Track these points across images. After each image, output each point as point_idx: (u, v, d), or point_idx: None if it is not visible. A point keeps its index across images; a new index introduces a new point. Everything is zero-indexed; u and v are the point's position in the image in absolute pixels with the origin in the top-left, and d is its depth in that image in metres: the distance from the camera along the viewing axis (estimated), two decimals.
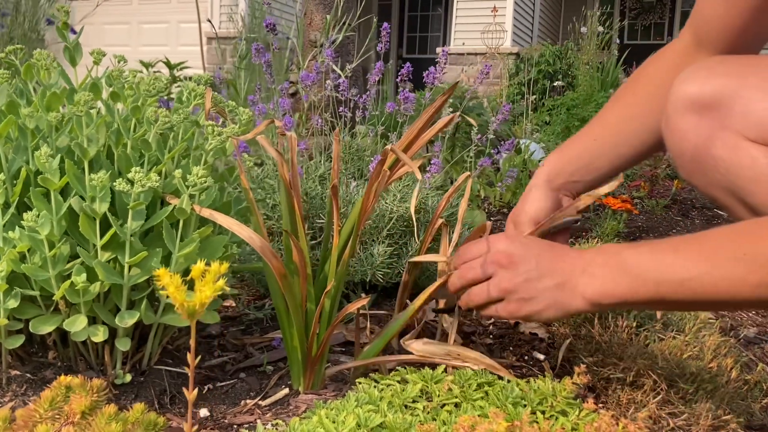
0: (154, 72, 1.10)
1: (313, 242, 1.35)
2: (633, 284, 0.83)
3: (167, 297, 0.61)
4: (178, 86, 1.01)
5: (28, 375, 0.97)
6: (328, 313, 0.96)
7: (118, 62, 1.01)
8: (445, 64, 1.49)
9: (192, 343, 0.55)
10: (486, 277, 0.92)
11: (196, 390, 0.59)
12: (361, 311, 1.26)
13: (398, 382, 0.91)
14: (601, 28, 6.81)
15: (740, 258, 0.76)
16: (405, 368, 0.98)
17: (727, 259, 0.78)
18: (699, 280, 0.78)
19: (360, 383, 0.97)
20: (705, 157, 0.87)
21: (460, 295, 0.98)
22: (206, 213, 0.86)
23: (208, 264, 0.56)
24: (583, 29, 6.87)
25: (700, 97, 0.81)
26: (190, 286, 0.60)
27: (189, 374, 0.71)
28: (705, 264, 0.79)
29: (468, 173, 1.09)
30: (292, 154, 0.91)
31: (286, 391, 1.00)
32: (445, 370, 0.94)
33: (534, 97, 5.60)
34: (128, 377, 0.96)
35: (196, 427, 0.85)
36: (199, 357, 1.10)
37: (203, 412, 0.93)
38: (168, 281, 0.51)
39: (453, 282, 0.97)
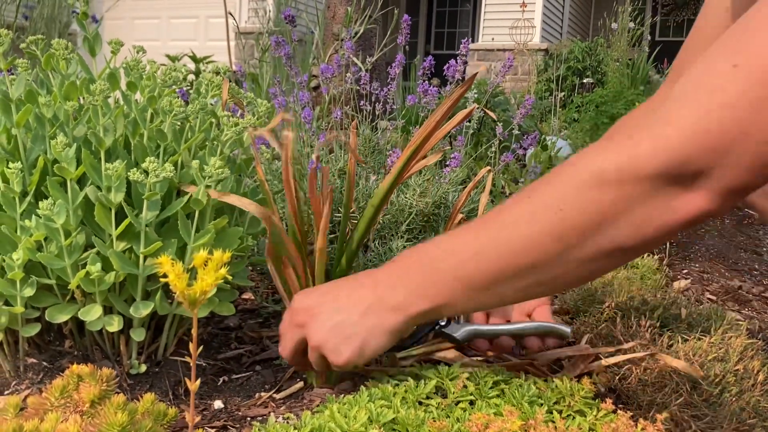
0: (180, 65, 1.10)
1: (332, 236, 1.34)
2: (433, 276, 0.78)
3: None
4: (200, 79, 1.00)
5: (45, 363, 0.97)
6: None
7: (137, 53, 1.01)
8: (466, 56, 1.47)
9: (194, 333, 0.54)
10: (301, 343, 0.85)
11: (199, 381, 0.59)
12: None
13: (413, 377, 0.90)
14: (632, 24, 6.71)
15: (524, 216, 0.72)
16: (421, 365, 0.97)
17: (512, 221, 0.73)
18: (489, 247, 0.74)
19: (374, 378, 0.96)
20: None
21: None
22: (215, 194, 0.85)
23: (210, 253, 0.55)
24: (614, 25, 6.77)
25: None
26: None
27: (204, 365, 0.71)
28: (493, 231, 0.75)
29: (488, 168, 1.07)
30: (286, 153, 0.89)
31: (301, 384, 0.99)
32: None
33: (562, 93, 5.54)
34: (143, 367, 0.96)
35: (207, 419, 0.85)
36: (211, 349, 1.10)
37: (217, 404, 0.93)
38: (169, 269, 0.51)
39: (286, 358, 0.89)
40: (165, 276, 0.51)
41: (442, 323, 0.96)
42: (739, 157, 0.60)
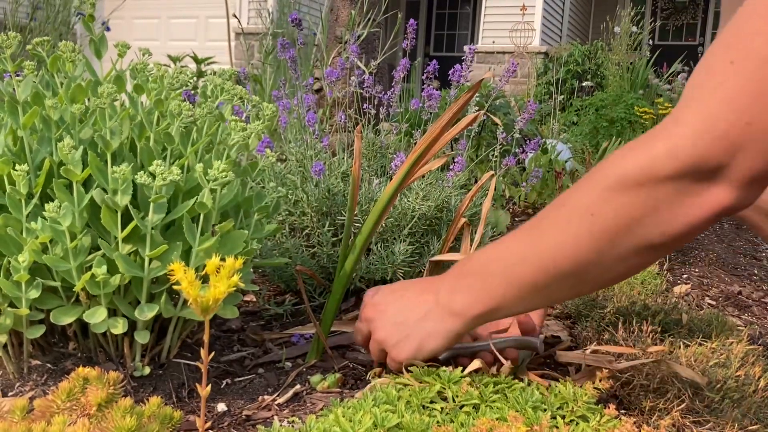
0: (181, 66, 1.11)
1: (335, 239, 1.34)
2: (486, 281, 0.84)
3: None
4: (205, 81, 1.01)
5: (49, 365, 0.97)
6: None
7: (143, 55, 1.01)
8: (472, 62, 1.47)
9: (206, 339, 0.54)
10: (368, 335, 0.95)
11: (209, 386, 0.59)
12: None
13: (418, 382, 0.90)
14: (634, 28, 6.72)
15: (560, 223, 0.78)
16: (422, 368, 0.97)
17: (550, 227, 0.79)
18: (532, 253, 0.80)
19: (376, 379, 0.96)
20: None
21: None
22: None
23: (224, 258, 0.55)
24: (617, 29, 6.79)
25: None
26: (208, 280, 0.60)
27: (206, 369, 0.71)
28: (535, 237, 0.81)
29: (491, 172, 1.08)
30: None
31: (304, 388, 1.00)
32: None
33: (562, 97, 5.54)
34: (147, 370, 0.96)
35: (209, 423, 0.85)
36: (214, 352, 1.10)
37: (221, 407, 0.93)
38: (182, 276, 0.51)
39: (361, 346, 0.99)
40: (177, 283, 0.51)
41: None
42: (750, 148, 0.64)
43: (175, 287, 0.52)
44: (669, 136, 0.68)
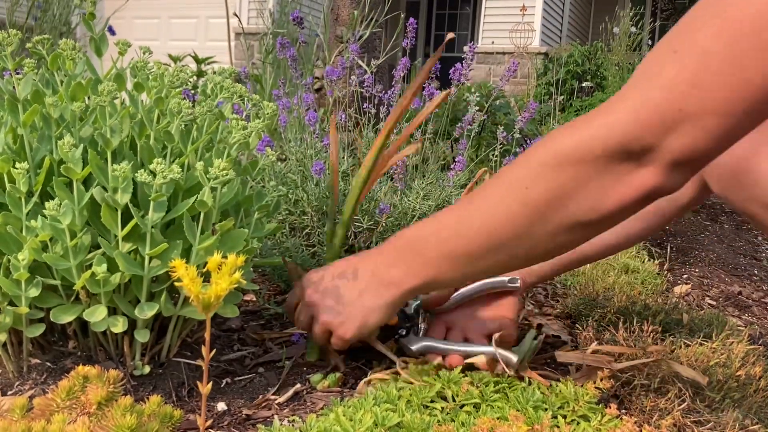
0: (182, 66, 1.11)
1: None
2: (422, 253, 0.86)
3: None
4: (205, 79, 1.01)
5: (48, 363, 0.97)
6: None
7: (144, 53, 1.01)
8: (472, 60, 1.47)
9: (207, 336, 0.54)
10: (310, 320, 0.97)
11: (210, 384, 0.59)
12: None
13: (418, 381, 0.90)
14: (634, 29, 6.72)
15: (496, 195, 0.79)
16: (423, 366, 0.97)
17: (486, 200, 0.81)
18: (467, 225, 0.82)
19: (375, 375, 0.96)
20: (745, 171, 0.85)
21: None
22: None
23: (224, 257, 0.55)
24: (616, 29, 6.79)
25: None
26: (208, 278, 0.59)
27: (207, 367, 0.71)
28: (470, 210, 0.83)
29: (485, 168, 1.08)
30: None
31: (305, 387, 0.99)
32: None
33: (562, 97, 5.54)
34: (147, 369, 0.96)
35: (209, 422, 0.85)
36: (214, 351, 1.10)
37: (221, 406, 0.93)
38: (184, 273, 0.51)
39: (303, 330, 1.01)
40: (178, 281, 0.51)
41: (402, 333, 1.01)
42: (679, 132, 0.66)
43: (176, 284, 0.52)
44: (607, 115, 0.70)
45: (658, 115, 0.66)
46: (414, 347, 1.01)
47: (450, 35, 1.12)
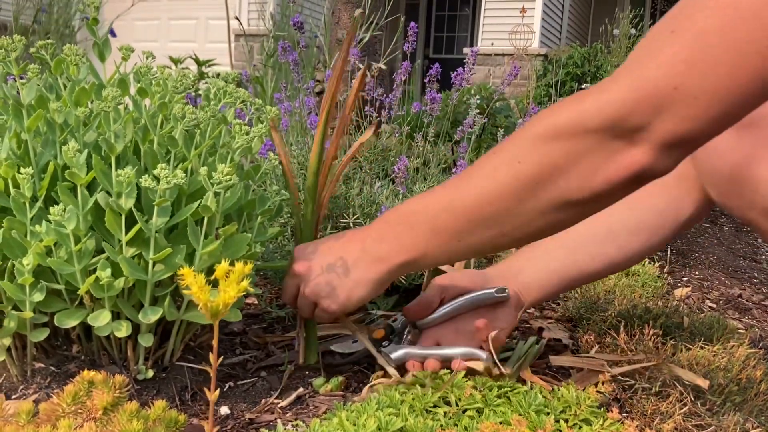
0: (183, 68, 1.11)
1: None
2: (412, 229, 0.86)
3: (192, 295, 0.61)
4: (206, 83, 1.01)
5: (52, 368, 0.97)
6: None
7: (147, 58, 1.01)
8: (474, 64, 1.48)
9: (215, 343, 0.54)
10: (296, 291, 0.97)
11: (218, 390, 0.59)
12: (381, 311, 1.26)
13: (420, 386, 0.91)
14: (633, 31, 6.73)
15: (487, 170, 0.79)
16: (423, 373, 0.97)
17: (478, 176, 0.81)
18: (457, 201, 0.82)
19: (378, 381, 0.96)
20: (744, 178, 0.85)
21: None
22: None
23: (232, 264, 0.55)
24: (616, 31, 6.79)
25: None
26: (213, 284, 0.60)
27: (210, 372, 0.71)
28: (462, 186, 0.83)
29: None
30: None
31: (307, 390, 1.00)
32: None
33: (561, 99, 5.54)
34: (150, 373, 0.96)
35: (218, 428, 0.85)
36: (222, 357, 1.10)
37: (224, 410, 0.93)
38: (192, 281, 0.51)
39: (288, 303, 1.02)
40: (187, 288, 0.52)
41: (384, 344, 1.02)
42: (672, 112, 0.66)
43: (184, 292, 0.52)
44: (601, 92, 0.70)
45: (653, 93, 0.66)
46: (393, 355, 1.01)
47: None
